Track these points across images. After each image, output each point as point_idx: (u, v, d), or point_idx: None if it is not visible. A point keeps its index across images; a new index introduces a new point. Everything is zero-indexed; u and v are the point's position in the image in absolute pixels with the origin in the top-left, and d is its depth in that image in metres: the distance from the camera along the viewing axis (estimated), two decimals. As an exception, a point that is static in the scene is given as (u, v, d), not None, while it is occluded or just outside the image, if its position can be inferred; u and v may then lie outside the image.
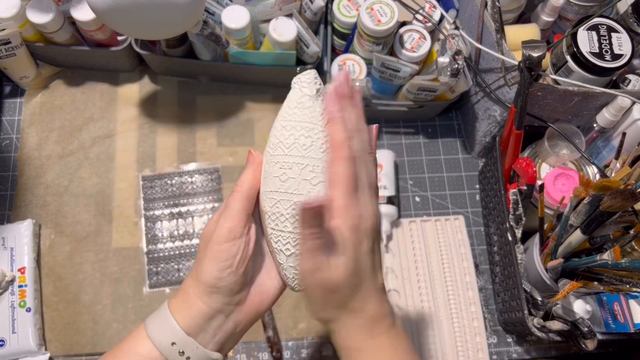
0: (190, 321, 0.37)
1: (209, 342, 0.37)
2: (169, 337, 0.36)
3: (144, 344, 0.36)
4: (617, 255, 0.55)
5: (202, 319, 0.37)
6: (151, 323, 0.37)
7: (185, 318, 0.37)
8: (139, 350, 0.36)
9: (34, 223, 0.71)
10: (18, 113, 0.79)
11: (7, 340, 0.64)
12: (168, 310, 0.37)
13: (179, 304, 0.38)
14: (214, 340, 0.38)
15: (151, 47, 0.78)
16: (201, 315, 0.37)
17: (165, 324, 0.37)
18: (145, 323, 0.38)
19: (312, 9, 0.75)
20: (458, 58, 0.67)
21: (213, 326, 0.37)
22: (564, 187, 0.68)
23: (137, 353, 0.36)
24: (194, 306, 0.37)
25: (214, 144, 0.80)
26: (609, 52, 0.63)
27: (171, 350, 0.36)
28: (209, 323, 0.37)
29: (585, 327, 0.56)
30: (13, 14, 0.69)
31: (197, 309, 0.37)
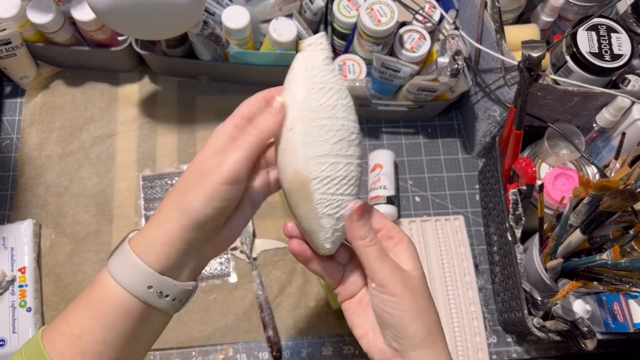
0: (167, 260, 0.35)
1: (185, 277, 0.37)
2: (144, 282, 0.35)
3: (116, 292, 0.35)
4: (617, 255, 0.55)
5: (178, 255, 0.36)
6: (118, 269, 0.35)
7: (160, 258, 0.35)
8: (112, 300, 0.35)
9: (34, 223, 0.71)
10: (18, 113, 0.80)
11: (8, 340, 0.64)
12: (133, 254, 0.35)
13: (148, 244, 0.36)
14: (188, 273, 0.38)
15: (151, 47, 0.78)
16: (178, 251, 0.36)
17: (136, 268, 0.35)
18: (110, 269, 0.36)
19: (312, 9, 0.75)
20: (458, 58, 0.67)
21: (187, 262, 0.37)
22: (563, 187, 0.68)
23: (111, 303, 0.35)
24: (171, 242, 0.35)
25: (214, 144, 0.80)
26: (608, 52, 0.63)
27: (149, 294, 0.35)
28: (184, 259, 0.36)
29: (585, 327, 0.57)
30: (13, 14, 0.69)
31: (176, 246, 0.35)
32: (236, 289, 0.72)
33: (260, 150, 0.37)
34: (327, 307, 0.72)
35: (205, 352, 0.70)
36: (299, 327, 0.71)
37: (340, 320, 0.72)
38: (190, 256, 0.37)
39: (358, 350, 0.71)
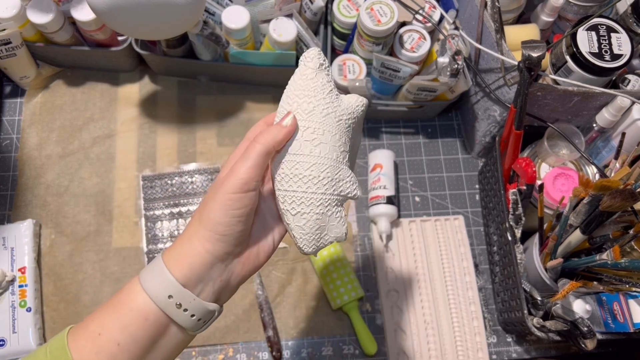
0: (189, 272, 0.36)
1: (208, 293, 0.37)
2: (165, 290, 0.36)
3: (138, 297, 0.36)
4: (617, 255, 0.55)
5: (202, 268, 0.37)
6: (146, 276, 0.37)
7: (183, 269, 0.36)
8: (134, 304, 0.36)
9: (34, 223, 0.71)
10: (18, 113, 0.80)
11: (8, 340, 0.64)
12: (162, 263, 0.37)
13: (175, 255, 0.37)
14: (212, 290, 0.38)
15: (151, 47, 0.78)
16: (202, 263, 0.37)
17: (160, 276, 0.36)
18: (140, 276, 0.37)
19: (312, 9, 0.75)
20: (458, 58, 0.67)
21: (213, 276, 0.37)
22: (563, 187, 0.68)
23: (132, 307, 0.36)
24: (195, 254, 0.37)
25: (214, 144, 0.80)
26: (608, 52, 0.63)
27: (168, 303, 0.36)
28: (209, 272, 0.37)
29: (584, 327, 0.57)
30: (13, 14, 0.69)
31: (199, 257, 0.37)
32: (236, 289, 0.72)
33: (269, 158, 0.38)
34: (327, 307, 0.73)
35: (205, 352, 0.70)
36: (299, 327, 0.71)
37: (340, 320, 0.72)
38: (215, 270, 0.37)
39: (358, 350, 0.71)
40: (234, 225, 0.37)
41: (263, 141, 0.38)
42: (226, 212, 0.36)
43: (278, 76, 0.81)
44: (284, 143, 0.39)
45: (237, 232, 0.37)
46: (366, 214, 0.78)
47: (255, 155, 0.37)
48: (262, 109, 0.83)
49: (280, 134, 0.38)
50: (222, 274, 0.38)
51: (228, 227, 0.37)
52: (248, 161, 0.37)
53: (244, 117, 0.82)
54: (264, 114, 0.83)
